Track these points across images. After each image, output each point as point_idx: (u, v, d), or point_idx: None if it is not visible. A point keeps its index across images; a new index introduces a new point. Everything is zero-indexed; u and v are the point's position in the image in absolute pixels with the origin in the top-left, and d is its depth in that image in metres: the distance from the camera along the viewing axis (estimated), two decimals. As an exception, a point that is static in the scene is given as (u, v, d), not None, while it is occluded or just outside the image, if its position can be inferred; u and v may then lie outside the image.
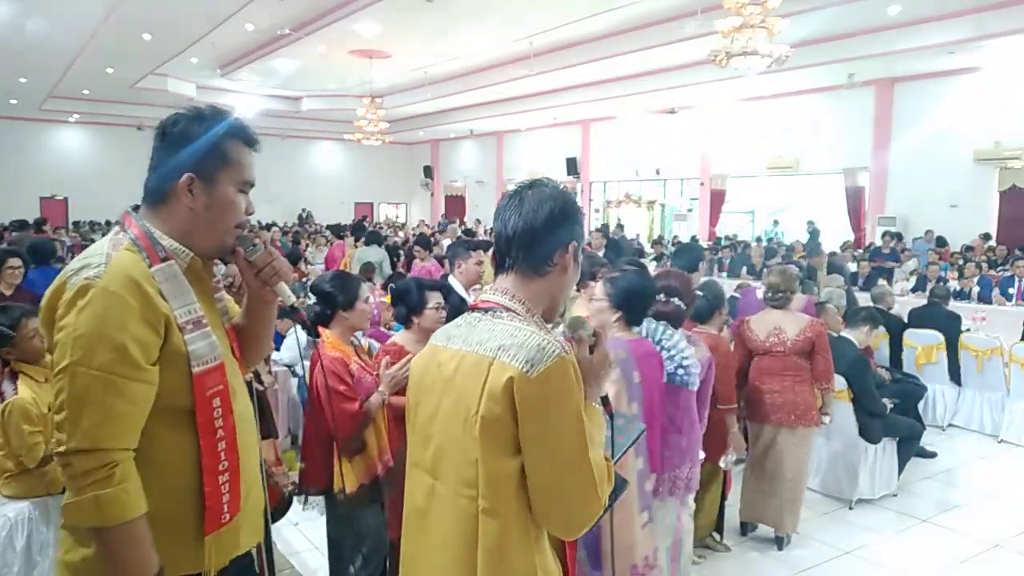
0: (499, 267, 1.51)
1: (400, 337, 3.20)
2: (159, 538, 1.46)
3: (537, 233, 1.46)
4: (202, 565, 1.54)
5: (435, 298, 3.15)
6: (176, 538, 1.51)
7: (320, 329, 2.91)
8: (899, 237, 13.19)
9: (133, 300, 1.43)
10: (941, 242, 12.96)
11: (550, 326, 1.53)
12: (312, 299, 3.04)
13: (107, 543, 1.42)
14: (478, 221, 20.40)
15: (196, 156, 1.54)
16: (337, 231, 14.37)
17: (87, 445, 1.38)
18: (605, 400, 1.54)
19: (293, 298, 1.71)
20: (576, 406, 1.35)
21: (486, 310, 1.47)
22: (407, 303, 3.15)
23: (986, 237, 12.96)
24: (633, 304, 2.69)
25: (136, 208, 1.63)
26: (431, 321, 3.06)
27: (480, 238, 11.75)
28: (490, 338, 1.39)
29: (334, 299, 2.94)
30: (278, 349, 5.27)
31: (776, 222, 18.52)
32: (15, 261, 5.33)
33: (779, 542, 4.13)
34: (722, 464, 3.78)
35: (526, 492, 1.37)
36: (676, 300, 3.10)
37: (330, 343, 2.87)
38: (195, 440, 1.52)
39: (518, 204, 1.48)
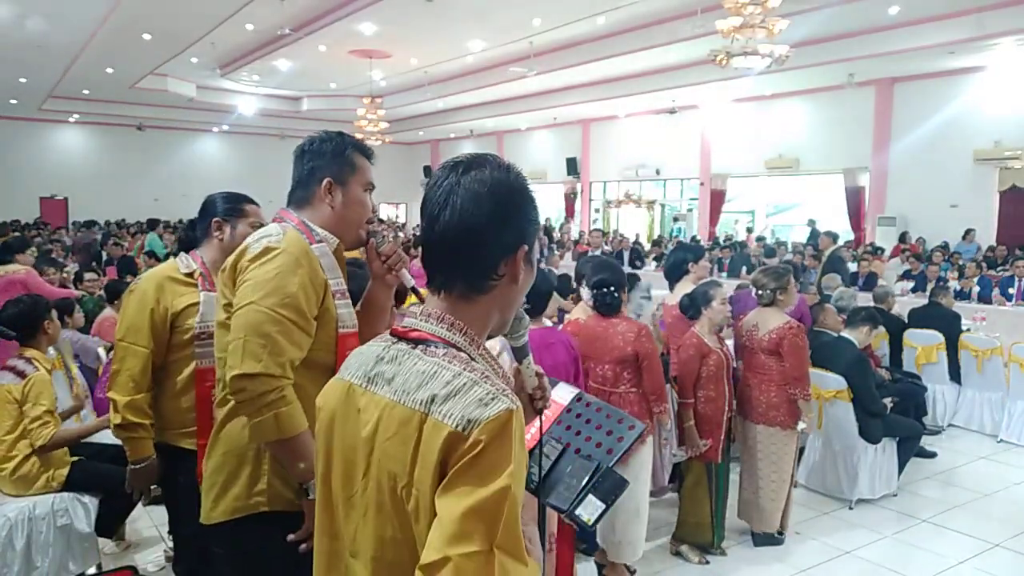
0: (429, 281, 1.16)
1: None
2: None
3: (475, 238, 1.10)
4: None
5: None
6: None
7: None
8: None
9: (305, 263, 1.77)
10: (903, 237, 12.92)
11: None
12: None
13: (288, 451, 1.70)
14: None
15: (331, 165, 1.90)
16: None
17: (259, 369, 1.64)
18: None
19: (412, 281, 1.98)
20: (508, 483, 0.95)
21: (416, 342, 1.11)
22: None
23: (967, 232, 12.95)
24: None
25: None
26: None
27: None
28: (420, 385, 1.04)
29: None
30: None
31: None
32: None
33: (753, 537, 4.13)
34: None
35: None
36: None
37: None
38: None
39: (447, 194, 1.10)
